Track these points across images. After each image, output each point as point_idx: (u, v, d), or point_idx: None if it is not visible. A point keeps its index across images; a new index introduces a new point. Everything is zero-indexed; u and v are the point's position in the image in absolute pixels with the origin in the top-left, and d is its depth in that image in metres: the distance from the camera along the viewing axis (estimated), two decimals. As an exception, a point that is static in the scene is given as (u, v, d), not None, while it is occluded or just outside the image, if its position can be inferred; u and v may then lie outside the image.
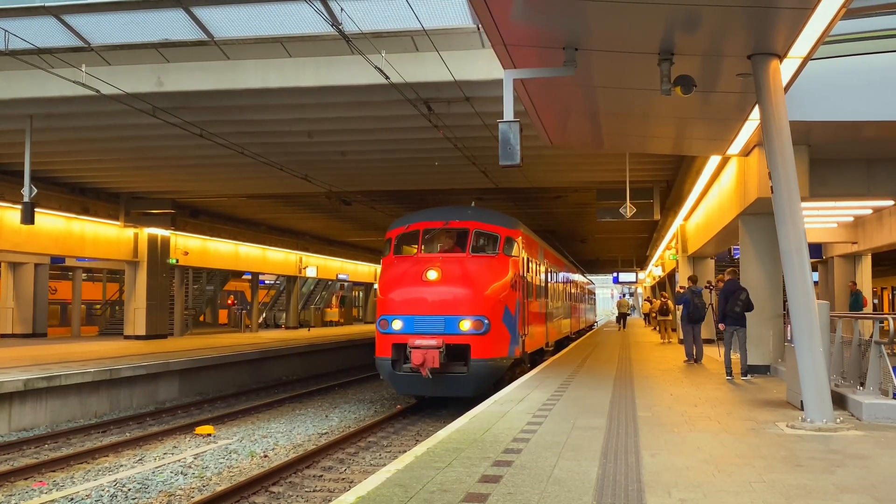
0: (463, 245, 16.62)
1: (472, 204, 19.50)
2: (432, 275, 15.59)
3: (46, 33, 14.99)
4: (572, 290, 36.09)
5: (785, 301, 12.18)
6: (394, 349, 15.62)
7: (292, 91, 16.25)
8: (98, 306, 47.96)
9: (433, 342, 14.95)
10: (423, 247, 16.83)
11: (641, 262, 64.42)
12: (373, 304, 61.14)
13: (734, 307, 15.30)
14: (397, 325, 15.53)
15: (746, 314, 15.44)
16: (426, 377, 14.91)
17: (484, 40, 14.38)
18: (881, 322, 10.81)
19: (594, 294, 70.44)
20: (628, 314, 51.17)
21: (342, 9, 13.39)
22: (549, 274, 24.53)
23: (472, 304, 15.37)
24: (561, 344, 28.72)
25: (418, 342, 15.06)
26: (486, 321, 15.36)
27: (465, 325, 15.26)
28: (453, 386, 15.51)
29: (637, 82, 10.97)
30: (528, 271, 18.90)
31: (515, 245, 17.24)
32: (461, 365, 15.39)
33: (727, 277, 16.18)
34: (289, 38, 15.26)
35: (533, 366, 19.49)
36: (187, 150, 21.54)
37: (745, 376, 15.26)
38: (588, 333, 42.35)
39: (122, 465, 12.53)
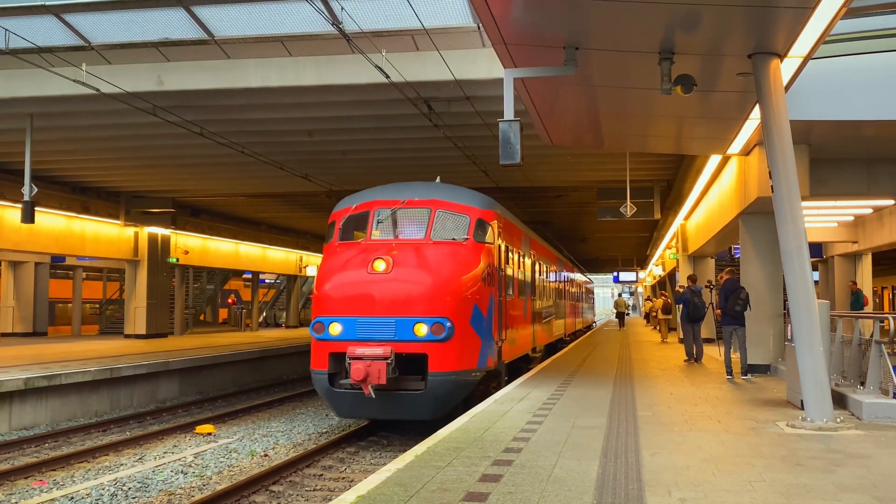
0: (423, 229, 13.46)
1: (438, 179, 15.57)
2: (381, 265, 12.51)
3: (47, 32, 15.00)
4: (566, 288, 32.83)
5: (785, 300, 12.18)
6: (331, 360, 12.67)
7: (293, 90, 16.25)
8: (96, 305, 47.97)
9: (379, 351, 11.95)
10: (373, 230, 13.56)
11: (642, 262, 64.40)
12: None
13: (735, 306, 15.30)
14: (335, 329, 12.58)
15: (746, 313, 15.44)
16: (370, 396, 12.04)
17: (484, 39, 14.39)
18: (881, 321, 10.81)
19: (592, 293, 66.36)
20: (626, 313, 51.14)
21: (342, 8, 13.40)
22: (537, 267, 21.42)
23: (432, 303, 12.36)
24: (554, 348, 26.39)
25: (360, 351, 12.04)
26: (448, 324, 12.30)
27: (422, 328, 12.25)
28: (406, 407, 12.52)
29: (637, 81, 10.97)
30: (507, 263, 15.82)
31: (490, 230, 14.11)
32: (416, 380, 12.47)
33: (726, 276, 16.18)
34: (289, 38, 15.26)
35: (516, 375, 16.46)
36: (188, 149, 21.54)
37: (746, 375, 15.26)
38: (585, 335, 39.64)
39: (122, 464, 12.54)
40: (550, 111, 13.23)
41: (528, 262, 19.45)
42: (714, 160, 18.52)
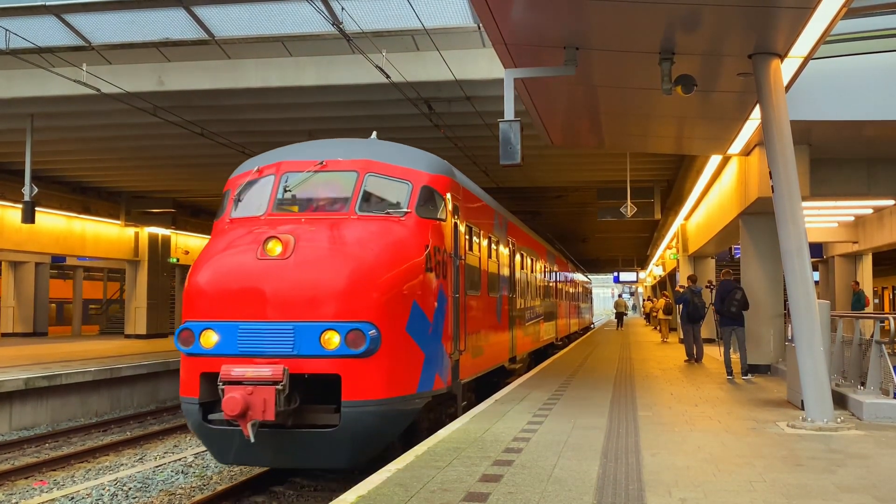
0: (347, 199, 9.87)
1: (374, 135, 12.35)
2: (276, 248, 8.92)
3: (47, 32, 15.01)
4: (558, 285, 28.64)
5: (785, 300, 12.18)
6: (205, 384, 8.98)
7: (293, 90, 16.27)
8: (94, 306, 47.99)
9: (266, 371, 8.43)
10: (277, 201, 10.02)
11: (642, 262, 64.43)
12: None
13: (730, 307, 15.30)
14: (209, 338, 8.94)
15: (745, 313, 15.44)
16: (252, 438, 8.37)
17: (485, 39, 14.40)
18: (882, 321, 10.80)
19: (590, 292, 60.72)
20: (625, 314, 51.19)
21: (343, 8, 13.41)
22: (518, 259, 17.68)
23: (348, 301, 8.78)
24: (543, 354, 23.07)
25: (238, 372, 8.49)
26: (372, 331, 8.69)
27: (334, 338, 8.64)
28: (312, 451, 8.92)
29: (638, 82, 10.97)
30: (471, 249, 12.23)
31: (443, 203, 10.51)
32: (327, 411, 8.86)
33: (722, 278, 16.20)
34: (289, 38, 15.27)
35: (487, 392, 13.25)
36: (188, 150, 21.56)
37: (746, 376, 15.26)
38: (582, 338, 35.98)
39: (122, 464, 12.54)
40: (551, 111, 13.23)
41: (504, 251, 15.72)
42: (714, 160, 18.52)
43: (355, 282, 8.88)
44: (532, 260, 20.47)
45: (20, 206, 19.82)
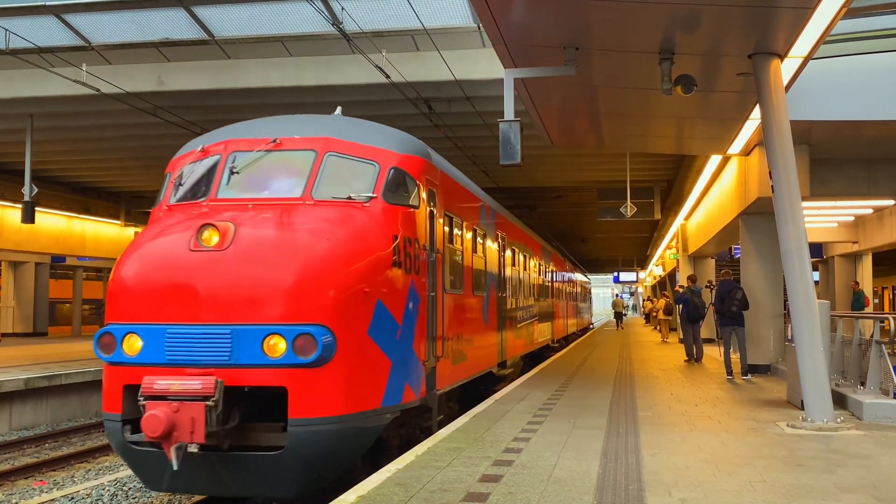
0: (302, 181, 8.58)
1: (339, 110, 10.79)
2: (213, 237, 7.68)
3: (47, 32, 15.03)
4: (555, 284, 27.04)
5: (785, 300, 12.18)
6: (128, 397, 7.67)
7: (293, 90, 16.27)
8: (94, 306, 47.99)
9: (194, 384, 7.16)
10: (222, 184, 8.67)
11: (642, 262, 64.48)
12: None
13: (731, 306, 15.31)
14: (133, 344, 7.69)
15: (745, 313, 15.44)
16: (181, 463, 7.12)
17: (485, 39, 14.41)
18: (882, 321, 10.80)
19: (589, 292, 58.66)
20: (624, 314, 51.47)
21: (343, 8, 13.42)
22: (508, 255, 16.35)
23: (296, 300, 7.54)
24: (538, 357, 21.75)
25: (161, 385, 7.21)
26: (325, 336, 7.43)
27: (279, 344, 7.39)
28: (252, 477, 7.59)
29: (638, 82, 10.97)
30: (450, 242, 10.96)
31: (415, 187, 9.24)
32: (273, 431, 7.60)
33: (722, 278, 16.20)
34: (289, 38, 15.29)
35: (470, 403, 11.82)
36: (188, 150, 21.55)
37: (746, 376, 15.26)
38: (580, 338, 34.73)
39: (122, 464, 12.54)
40: (551, 111, 13.23)
41: (492, 246, 14.40)
42: (714, 160, 18.53)
43: (306, 277, 7.58)
44: (525, 257, 19.25)
45: (20, 206, 19.83)
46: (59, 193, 27.32)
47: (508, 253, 16.36)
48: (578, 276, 42.84)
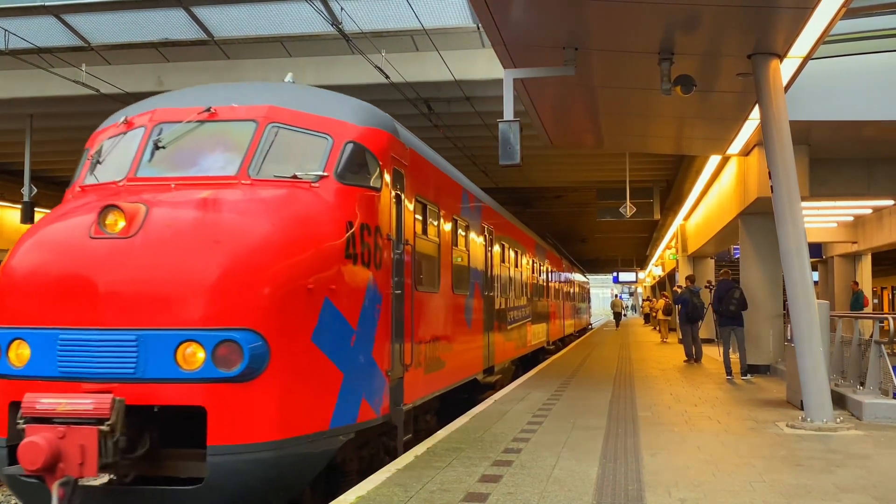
0: (238, 157, 7.24)
1: (289, 76, 9.30)
2: (117, 222, 6.32)
3: (47, 33, 15.03)
4: (550, 283, 25.69)
5: (785, 301, 12.19)
6: (14, 418, 6.16)
7: (292, 90, 16.26)
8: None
9: (85, 403, 5.77)
10: (143, 161, 7.31)
11: (641, 262, 64.51)
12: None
13: (729, 306, 15.32)
14: (21, 353, 6.30)
15: (744, 313, 15.45)
16: (74, 501, 5.72)
17: (484, 40, 14.41)
18: (881, 322, 10.81)
19: (588, 291, 56.34)
20: (623, 314, 51.73)
21: (342, 8, 13.41)
22: (496, 249, 14.82)
23: (218, 298, 6.16)
24: (533, 360, 20.67)
25: (46, 404, 5.82)
26: (254, 343, 6.09)
27: (197, 353, 6.04)
28: None
29: (637, 82, 10.98)
30: (424, 232, 9.64)
31: (377, 166, 7.87)
32: (190, 459, 6.19)
33: (721, 278, 16.21)
34: (289, 38, 15.28)
35: (450, 415, 10.68)
36: (187, 150, 21.56)
37: (745, 376, 15.26)
38: (578, 340, 33.45)
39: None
40: (550, 111, 13.23)
41: (478, 239, 13.03)
42: (714, 160, 18.54)
43: (231, 270, 6.14)
44: (517, 253, 17.87)
45: (20, 206, 19.81)
46: (59, 193, 27.24)
47: (497, 248, 14.98)
48: (576, 276, 40.92)
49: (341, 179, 7.29)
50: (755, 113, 12.01)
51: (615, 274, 70.92)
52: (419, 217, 9.34)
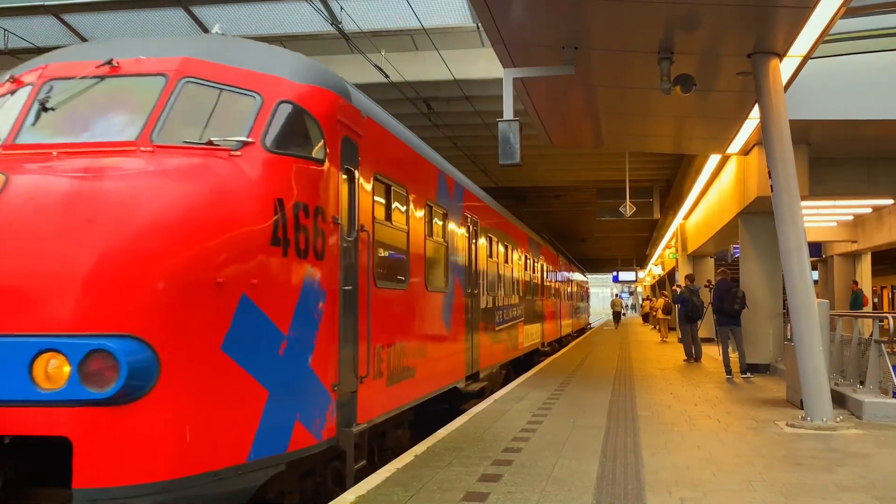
0: (141, 119, 5.84)
1: (217, 28, 7.48)
2: None
3: (46, 32, 15.02)
4: (546, 281, 24.28)
5: (785, 300, 12.19)
6: None
7: (292, 90, 16.26)
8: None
9: None
10: (25, 126, 5.92)
11: (641, 262, 64.52)
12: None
13: (733, 305, 15.31)
14: None
15: (744, 312, 15.47)
16: None
17: (484, 39, 14.41)
18: (881, 321, 10.81)
19: (587, 290, 54.65)
20: (623, 313, 51.75)
21: (342, 7, 13.41)
22: (481, 242, 13.49)
23: (89, 295, 4.71)
24: (528, 362, 19.67)
25: None
26: (135, 355, 4.66)
27: (61, 368, 4.60)
28: None
29: (637, 81, 10.97)
30: (388, 218, 8.23)
31: (320, 133, 6.46)
32: (55, 500, 4.91)
33: (718, 277, 16.21)
34: (288, 37, 15.27)
35: (423, 430, 9.53)
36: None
37: (745, 374, 15.26)
38: (576, 340, 32.40)
39: None
40: (550, 111, 13.23)
41: (458, 230, 11.64)
42: (713, 160, 18.53)
43: (107, 259, 4.79)
44: (507, 247, 16.47)
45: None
46: None
47: (483, 241, 13.60)
48: (573, 273, 38.92)
49: (271, 148, 5.85)
50: (755, 112, 12.01)
51: (615, 273, 70.97)
52: (380, 199, 7.94)
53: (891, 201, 19.63)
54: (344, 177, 6.78)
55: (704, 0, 8.41)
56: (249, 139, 5.79)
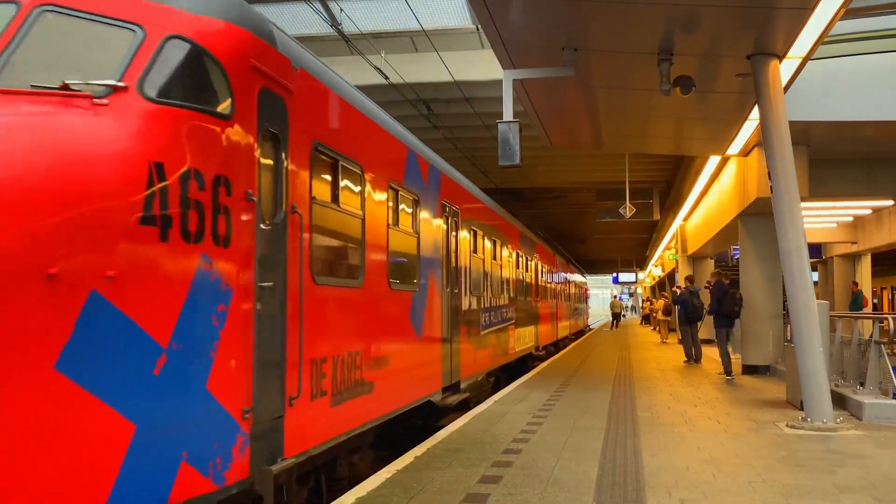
0: None
1: None
2: None
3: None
4: (541, 280, 22.96)
5: (785, 301, 12.19)
6: None
7: (292, 91, 16.27)
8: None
9: None
10: None
11: (641, 263, 64.52)
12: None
13: (734, 306, 15.32)
14: None
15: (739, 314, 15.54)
16: None
17: (483, 41, 14.41)
18: (881, 322, 10.81)
19: (586, 290, 53.19)
20: (623, 315, 51.80)
21: (342, 9, 13.42)
22: (463, 235, 12.14)
23: None
24: (515, 370, 17.98)
25: None
26: None
27: None
28: None
29: (637, 82, 10.98)
30: (335, 200, 6.78)
31: (224, 82, 4.94)
32: None
33: (713, 280, 16.19)
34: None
35: (396, 446, 8.81)
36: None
37: (729, 376, 15.11)
38: (574, 343, 31.14)
39: None
40: (549, 112, 13.23)
41: (435, 221, 10.31)
42: (713, 161, 18.53)
43: None
44: (496, 243, 14.99)
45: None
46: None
47: (464, 234, 12.16)
48: (571, 273, 37.13)
49: (151, 96, 4.53)
50: (755, 113, 12.01)
51: (615, 274, 70.99)
52: (323, 175, 6.55)
53: (890, 202, 19.63)
54: (263, 140, 5.37)
55: (704, 1, 8.41)
56: (121, 83, 4.46)
